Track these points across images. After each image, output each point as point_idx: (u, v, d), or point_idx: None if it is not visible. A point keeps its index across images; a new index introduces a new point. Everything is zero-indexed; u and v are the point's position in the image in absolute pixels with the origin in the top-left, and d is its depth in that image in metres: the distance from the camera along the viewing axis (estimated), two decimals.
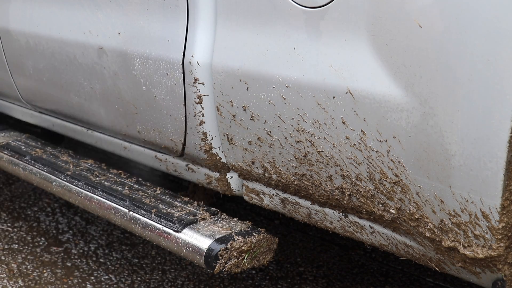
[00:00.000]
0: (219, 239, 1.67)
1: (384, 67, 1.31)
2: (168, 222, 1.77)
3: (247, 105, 1.58)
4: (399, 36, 1.28)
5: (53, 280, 2.36)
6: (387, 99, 1.31)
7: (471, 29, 1.17)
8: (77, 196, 2.06)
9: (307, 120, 1.46)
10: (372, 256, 2.59)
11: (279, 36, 1.49)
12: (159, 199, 1.93)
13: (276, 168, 1.60)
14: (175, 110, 1.77)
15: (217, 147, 1.74)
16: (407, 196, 1.37)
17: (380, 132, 1.34)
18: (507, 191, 1.20)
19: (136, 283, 2.36)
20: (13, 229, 2.76)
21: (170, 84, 1.75)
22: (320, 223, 1.66)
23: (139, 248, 2.61)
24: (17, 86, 2.42)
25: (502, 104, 1.15)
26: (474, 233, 1.28)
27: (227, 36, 1.61)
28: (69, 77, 2.12)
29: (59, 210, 2.95)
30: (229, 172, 1.80)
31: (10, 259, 2.50)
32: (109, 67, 1.93)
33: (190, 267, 2.47)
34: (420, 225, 1.37)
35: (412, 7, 1.25)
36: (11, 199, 3.06)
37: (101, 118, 2.09)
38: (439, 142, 1.25)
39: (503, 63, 1.14)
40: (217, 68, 1.63)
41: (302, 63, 1.45)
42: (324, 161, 1.48)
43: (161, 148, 1.93)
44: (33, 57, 2.25)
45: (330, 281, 2.40)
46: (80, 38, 2.02)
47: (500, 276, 1.32)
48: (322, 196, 1.55)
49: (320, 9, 1.40)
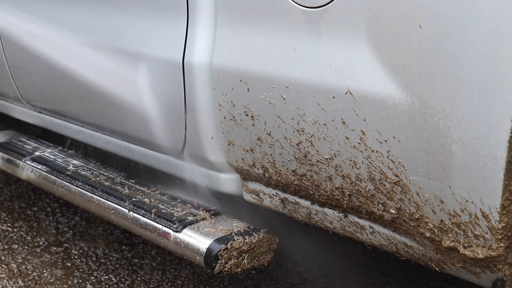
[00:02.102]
0: (219, 239, 1.67)
1: (384, 67, 1.31)
2: (168, 222, 1.77)
3: (247, 105, 1.58)
4: (399, 36, 1.28)
5: (53, 280, 2.36)
6: (387, 99, 1.31)
7: (471, 29, 1.17)
8: (77, 196, 2.06)
9: (307, 120, 1.46)
10: (372, 256, 2.58)
11: (279, 36, 1.49)
12: (159, 199, 1.93)
13: (276, 168, 1.60)
14: (175, 110, 1.77)
15: (217, 147, 1.74)
16: (407, 196, 1.37)
17: (380, 132, 1.34)
18: (507, 191, 1.20)
19: (136, 283, 2.36)
20: (13, 229, 2.76)
21: (170, 84, 1.75)
22: (320, 223, 1.66)
23: (139, 248, 2.61)
24: (17, 86, 2.42)
25: (502, 104, 1.15)
26: (474, 233, 1.28)
27: (227, 36, 1.61)
28: (69, 77, 2.11)
29: (59, 210, 2.95)
30: (229, 172, 1.80)
31: (10, 259, 2.50)
32: (108, 66, 1.93)
33: (190, 267, 2.47)
34: (420, 225, 1.37)
35: (412, 7, 1.25)
36: (11, 199, 3.06)
37: (101, 117, 2.09)
38: (439, 142, 1.25)
39: (503, 63, 1.14)
40: (217, 68, 1.63)
41: (302, 63, 1.45)
42: (324, 161, 1.48)
43: (161, 148, 1.93)
44: (33, 57, 2.25)
45: (330, 281, 2.40)
46: (79, 37, 2.02)
47: (500, 276, 1.32)
48: (322, 196, 1.55)
49: (320, 9, 1.40)
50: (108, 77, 1.95)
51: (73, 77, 2.11)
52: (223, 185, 1.83)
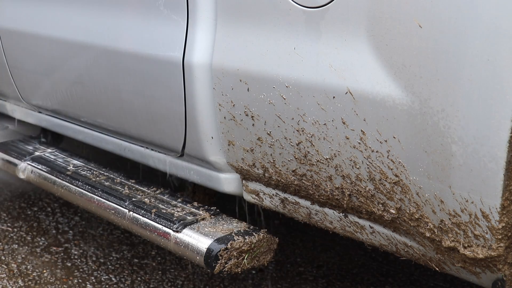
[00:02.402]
0: (219, 239, 1.67)
1: (384, 67, 1.31)
2: (168, 222, 1.77)
3: (247, 105, 1.58)
4: (399, 36, 1.28)
5: (53, 280, 2.36)
6: (387, 99, 1.31)
7: (471, 29, 1.17)
8: (77, 196, 2.06)
9: (307, 120, 1.46)
10: (372, 256, 2.59)
11: (279, 36, 1.49)
12: (159, 199, 1.93)
13: (276, 168, 1.60)
14: (175, 110, 1.77)
15: (217, 147, 1.74)
16: (407, 196, 1.37)
17: (380, 132, 1.34)
18: (507, 191, 1.20)
19: (136, 283, 2.36)
20: (13, 229, 2.76)
21: (170, 84, 1.75)
22: (320, 223, 1.66)
23: (139, 248, 2.61)
24: (17, 86, 2.42)
25: (502, 104, 1.15)
26: (474, 233, 1.28)
27: (227, 36, 1.61)
28: (69, 77, 2.12)
29: (59, 210, 2.95)
30: (229, 172, 1.80)
31: (10, 259, 2.50)
32: (108, 67, 1.93)
33: (190, 267, 2.47)
34: (420, 225, 1.37)
35: (412, 7, 1.25)
36: (11, 199, 3.06)
37: (101, 117, 2.09)
38: (439, 142, 1.25)
39: (503, 63, 1.14)
40: (217, 68, 1.63)
41: (302, 63, 1.45)
42: (324, 161, 1.48)
43: (161, 148, 1.93)
44: (33, 57, 2.25)
45: (330, 281, 2.40)
46: (79, 38, 2.02)
47: (500, 276, 1.32)
48: (322, 196, 1.55)
49: (320, 9, 1.41)
50: (108, 77, 1.95)
51: (73, 77, 2.11)
52: (223, 185, 1.83)
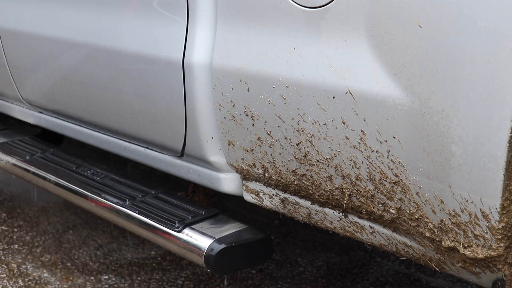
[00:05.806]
0: (219, 239, 1.67)
1: (384, 67, 1.31)
2: (168, 222, 1.77)
3: (247, 105, 1.58)
4: (399, 36, 1.28)
5: (53, 280, 2.36)
6: (387, 99, 1.31)
7: (471, 29, 1.17)
8: (77, 196, 2.06)
9: (307, 120, 1.46)
10: (372, 256, 2.59)
11: (279, 36, 1.49)
12: (160, 198, 1.93)
13: (276, 168, 1.60)
14: (175, 110, 1.77)
15: (217, 147, 1.74)
16: (407, 196, 1.37)
17: (380, 132, 1.34)
18: (507, 191, 1.21)
19: (136, 283, 2.36)
20: (13, 229, 2.76)
21: (170, 84, 1.75)
22: (320, 223, 1.66)
23: (139, 248, 2.61)
24: (17, 86, 2.42)
25: (502, 104, 1.15)
26: (474, 233, 1.28)
27: (227, 36, 1.61)
28: (69, 77, 2.12)
29: (59, 210, 2.95)
30: (229, 172, 1.80)
31: (10, 259, 2.50)
32: (108, 67, 1.93)
33: (190, 267, 2.47)
34: (420, 225, 1.37)
35: (412, 7, 1.25)
36: (11, 199, 3.06)
37: (101, 117, 2.09)
38: (439, 142, 1.25)
39: (503, 63, 1.14)
40: (217, 68, 1.63)
41: (302, 63, 1.45)
42: (324, 161, 1.48)
43: (161, 148, 1.93)
44: (33, 57, 2.25)
45: (330, 281, 2.40)
46: (79, 38, 2.02)
47: (500, 276, 1.32)
48: (322, 196, 1.55)
49: (320, 9, 1.41)
50: (108, 77, 1.95)
51: (73, 77, 2.11)
52: (223, 185, 1.83)
